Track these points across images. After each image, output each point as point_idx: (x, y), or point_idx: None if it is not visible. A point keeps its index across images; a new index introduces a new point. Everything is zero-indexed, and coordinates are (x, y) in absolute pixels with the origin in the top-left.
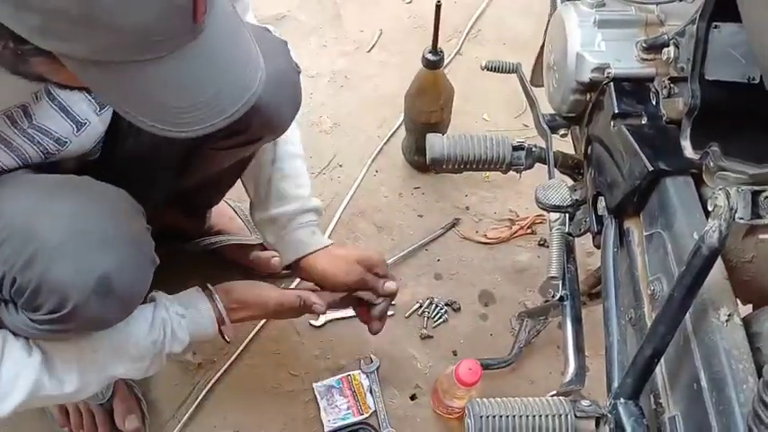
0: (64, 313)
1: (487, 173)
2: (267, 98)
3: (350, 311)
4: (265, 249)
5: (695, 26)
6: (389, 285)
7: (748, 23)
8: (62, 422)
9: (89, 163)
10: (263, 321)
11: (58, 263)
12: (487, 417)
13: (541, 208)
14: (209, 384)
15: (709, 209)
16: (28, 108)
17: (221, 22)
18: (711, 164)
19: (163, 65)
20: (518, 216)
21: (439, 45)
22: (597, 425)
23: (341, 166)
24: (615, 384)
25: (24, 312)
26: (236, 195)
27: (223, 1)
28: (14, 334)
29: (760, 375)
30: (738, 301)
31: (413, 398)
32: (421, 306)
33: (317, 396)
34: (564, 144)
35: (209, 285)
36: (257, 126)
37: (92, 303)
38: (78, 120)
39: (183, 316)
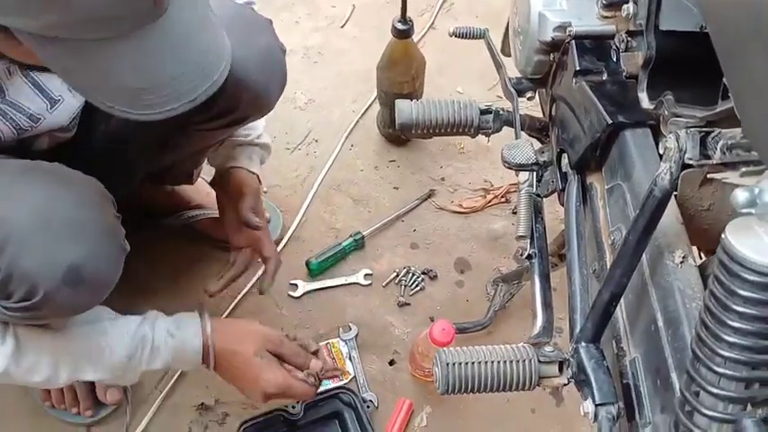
0: (35, 301)
1: (461, 144)
2: (255, 77)
3: (331, 282)
4: None
5: None
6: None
7: None
8: (44, 397)
9: (65, 141)
10: (240, 296)
11: (27, 252)
12: (454, 364)
13: (507, 167)
14: None
15: (660, 152)
16: (0, 84)
17: (186, 7)
18: (666, 112)
19: (120, 44)
20: (492, 185)
21: (413, 19)
22: (561, 369)
23: (316, 141)
24: (577, 330)
25: None
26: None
27: None
28: None
29: None
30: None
31: (391, 363)
32: (398, 275)
33: None
34: (532, 109)
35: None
36: (245, 105)
37: (62, 292)
38: (52, 97)
39: (173, 335)
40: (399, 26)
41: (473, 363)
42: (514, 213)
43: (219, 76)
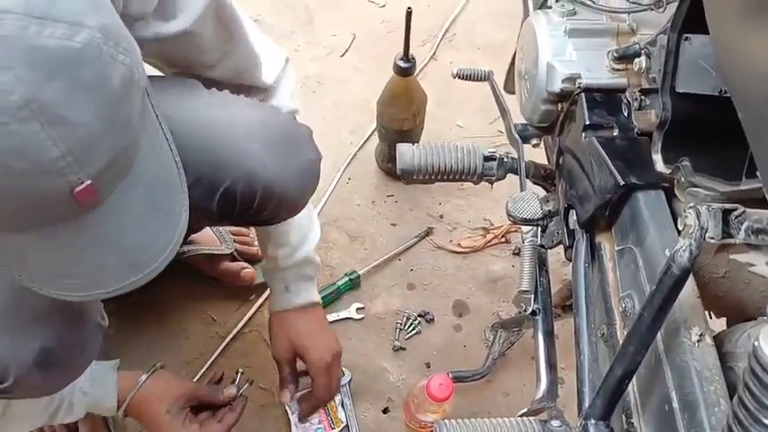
0: (6, 385)
1: None
2: (292, 191)
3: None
4: (236, 260)
5: (666, 37)
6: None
7: (715, 38)
8: None
9: None
10: (232, 333)
11: None
12: None
13: (512, 221)
14: None
15: (680, 228)
16: None
17: (131, 200)
18: (682, 179)
19: (38, 236)
20: (492, 224)
21: (412, 50)
22: None
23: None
24: (586, 404)
25: None
26: None
27: (147, 176)
28: None
29: (732, 397)
30: (711, 316)
31: (385, 411)
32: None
33: (288, 411)
34: (537, 153)
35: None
36: (283, 214)
37: (33, 375)
38: None
39: (86, 393)
40: (401, 64)
41: None
42: (515, 254)
43: (155, 269)
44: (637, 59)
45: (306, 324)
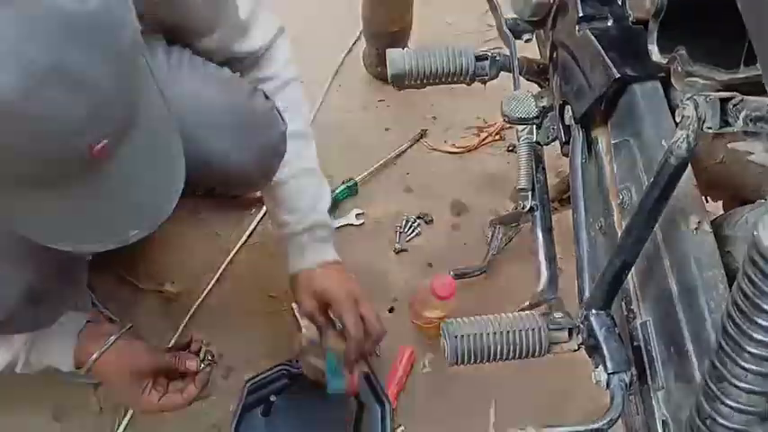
0: None
1: None
2: (254, 172)
3: None
4: None
5: None
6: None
7: None
8: None
9: None
10: (238, 245)
11: None
12: (462, 336)
13: (506, 121)
14: (190, 312)
15: (677, 119)
16: None
17: (136, 151)
18: (679, 68)
19: (50, 193)
20: (486, 122)
21: None
22: (570, 335)
23: (301, 82)
24: (586, 295)
25: None
26: None
27: (150, 121)
28: None
29: (730, 281)
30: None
31: (391, 310)
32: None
33: (297, 315)
34: (529, 49)
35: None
36: (249, 190)
37: (23, 312)
38: None
39: (42, 354)
40: None
41: (481, 334)
42: (509, 151)
43: (161, 215)
44: None
45: (325, 276)
